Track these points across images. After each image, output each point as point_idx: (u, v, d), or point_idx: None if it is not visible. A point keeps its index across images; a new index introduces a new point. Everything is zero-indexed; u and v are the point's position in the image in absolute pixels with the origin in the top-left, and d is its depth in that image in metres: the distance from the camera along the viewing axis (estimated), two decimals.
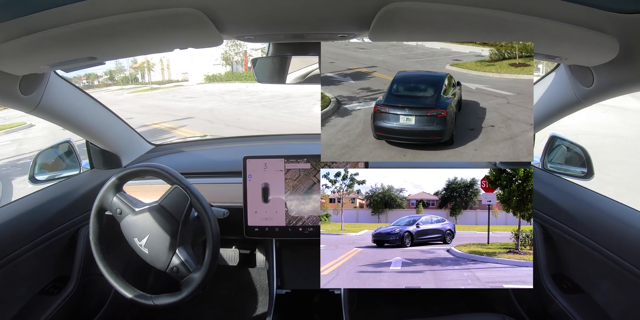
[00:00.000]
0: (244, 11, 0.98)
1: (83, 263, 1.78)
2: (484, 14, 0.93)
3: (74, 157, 2.00)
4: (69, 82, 1.60)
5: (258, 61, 1.47)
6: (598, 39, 1.00)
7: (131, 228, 1.45)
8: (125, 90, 36.88)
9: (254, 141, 2.54)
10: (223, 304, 2.42)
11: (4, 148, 11.63)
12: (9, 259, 1.48)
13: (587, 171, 1.66)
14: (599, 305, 1.46)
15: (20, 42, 0.99)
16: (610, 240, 1.39)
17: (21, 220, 1.57)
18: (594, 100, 1.35)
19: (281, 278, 1.89)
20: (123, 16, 0.92)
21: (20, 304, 1.56)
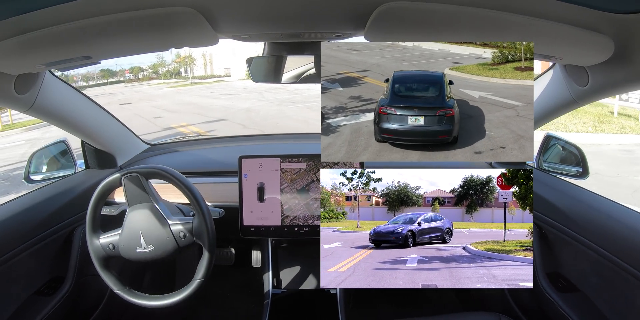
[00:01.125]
0: (240, 10, 0.98)
1: (78, 263, 1.77)
2: (479, 13, 0.93)
3: (69, 157, 1.99)
4: (64, 81, 1.60)
5: (254, 60, 1.47)
6: (593, 39, 1.01)
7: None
8: (165, 84, 36.44)
9: (250, 140, 2.54)
10: (219, 303, 2.42)
11: (13, 150, 10.90)
12: (4, 260, 1.47)
13: (582, 170, 1.66)
14: (594, 304, 1.46)
15: (15, 41, 0.99)
16: (606, 239, 1.40)
17: (16, 220, 1.56)
18: (589, 100, 1.36)
19: (277, 278, 1.89)
20: (118, 15, 0.92)
21: (15, 305, 1.55)
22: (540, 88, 1.54)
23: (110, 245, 1.47)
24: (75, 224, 1.81)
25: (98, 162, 2.01)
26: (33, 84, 1.38)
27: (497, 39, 1.19)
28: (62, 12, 0.92)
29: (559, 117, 1.58)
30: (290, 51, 1.42)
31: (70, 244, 1.79)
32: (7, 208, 1.59)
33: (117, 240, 1.46)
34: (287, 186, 1.74)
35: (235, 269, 2.48)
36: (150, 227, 1.44)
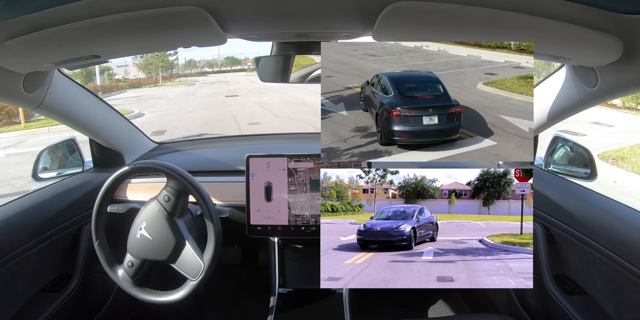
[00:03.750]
0: (247, 10, 0.99)
1: (85, 261, 1.78)
2: (488, 13, 0.93)
3: (77, 155, 2.01)
4: (72, 80, 1.61)
5: (261, 60, 1.47)
6: (602, 40, 1.00)
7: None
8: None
9: (257, 140, 2.54)
10: (225, 302, 2.42)
11: None
12: (12, 257, 1.49)
13: (591, 172, 1.65)
14: (601, 307, 1.45)
15: (24, 40, 0.99)
16: (613, 241, 1.39)
17: (24, 218, 1.57)
18: (598, 101, 1.35)
19: (283, 277, 1.90)
20: (126, 14, 0.92)
21: (22, 302, 1.56)
22: (548, 89, 1.53)
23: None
24: (82, 221, 1.82)
25: (106, 160, 2.02)
26: (42, 82, 1.39)
27: (506, 39, 1.18)
28: (70, 11, 0.93)
29: (567, 118, 1.56)
30: (298, 51, 1.41)
31: (77, 242, 1.80)
32: (16, 205, 1.60)
33: None
34: (294, 185, 1.74)
35: (242, 268, 2.48)
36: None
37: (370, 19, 0.98)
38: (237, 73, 41.08)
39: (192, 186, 1.45)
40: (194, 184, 1.45)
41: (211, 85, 28.56)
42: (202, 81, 34.46)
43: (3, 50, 1.04)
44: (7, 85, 1.25)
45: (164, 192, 1.47)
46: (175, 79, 38.38)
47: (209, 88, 26.55)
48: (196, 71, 45.28)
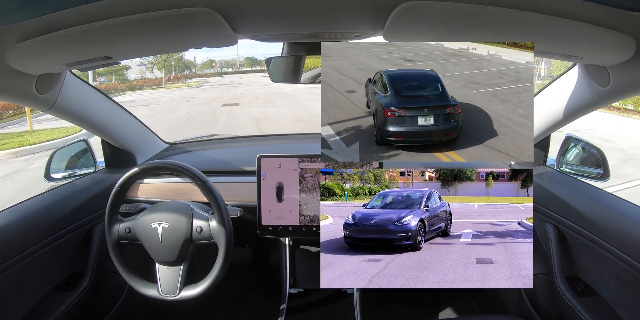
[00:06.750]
0: (258, 11, 0.99)
1: (97, 260, 1.80)
2: (499, 12, 0.92)
3: (90, 156, 2.03)
4: (84, 81, 1.62)
5: (272, 60, 1.48)
6: (614, 38, 0.99)
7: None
8: None
9: (268, 140, 2.55)
10: (235, 302, 2.43)
11: None
12: (24, 256, 1.50)
13: (603, 172, 1.63)
14: (613, 309, 1.44)
15: (36, 42, 1.00)
16: (626, 242, 1.37)
17: (36, 217, 1.59)
18: (611, 100, 1.33)
19: (294, 277, 1.90)
20: (137, 16, 0.93)
21: (34, 300, 1.57)
22: (560, 88, 1.52)
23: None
24: (94, 221, 1.84)
25: (118, 160, 2.04)
26: (54, 83, 1.40)
27: (517, 38, 1.17)
28: (82, 13, 0.93)
29: (579, 118, 1.55)
30: (309, 51, 1.42)
31: (89, 241, 1.82)
32: (28, 205, 1.62)
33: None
34: (306, 186, 1.74)
35: (253, 268, 2.49)
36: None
37: (380, 19, 0.98)
38: (255, 74, 41.26)
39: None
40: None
41: (218, 88, 27.34)
42: (212, 83, 34.02)
43: (16, 52, 1.05)
44: (20, 87, 1.26)
45: (201, 222, 1.49)
46: (191, 79, 38.52)
47: (214, 92, 24.94)
48: (213, 71, 45.62)
